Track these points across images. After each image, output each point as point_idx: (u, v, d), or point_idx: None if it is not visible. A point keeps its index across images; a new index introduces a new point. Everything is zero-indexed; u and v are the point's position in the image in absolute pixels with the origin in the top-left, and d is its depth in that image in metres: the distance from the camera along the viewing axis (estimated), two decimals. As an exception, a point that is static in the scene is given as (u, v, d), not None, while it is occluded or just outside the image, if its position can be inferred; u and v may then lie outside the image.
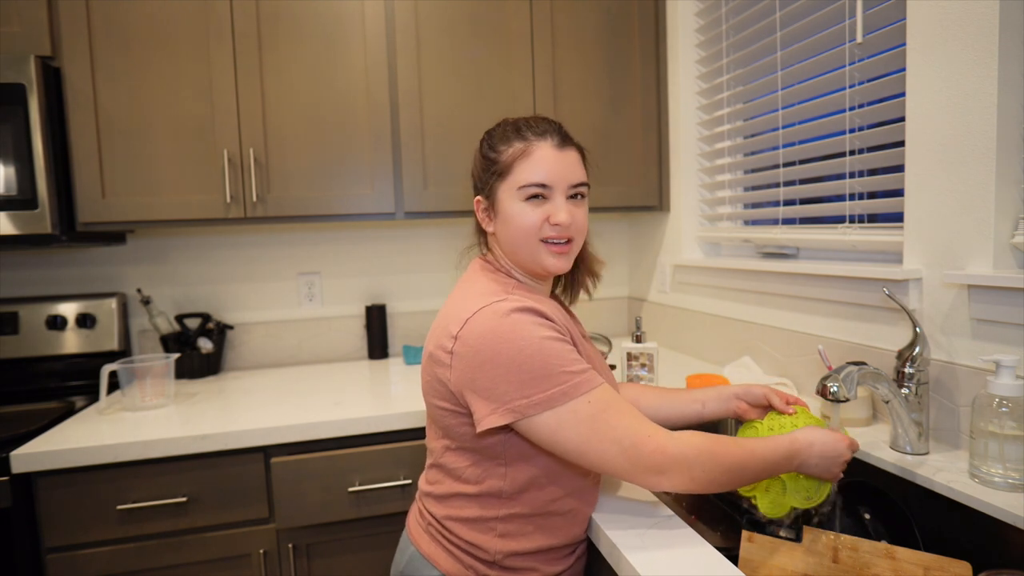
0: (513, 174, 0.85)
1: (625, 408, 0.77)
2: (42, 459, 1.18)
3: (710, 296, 1.75)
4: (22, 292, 1.76)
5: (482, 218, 0.91)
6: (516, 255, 0.88)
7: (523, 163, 0.85)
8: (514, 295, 0.81)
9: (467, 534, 0.84)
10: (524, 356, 0.74)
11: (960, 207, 1.00)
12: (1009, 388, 0.86)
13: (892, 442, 1.04)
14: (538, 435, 0.76)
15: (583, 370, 0.76)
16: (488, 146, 0.89)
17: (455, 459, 0.86)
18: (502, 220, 0.87)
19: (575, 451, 0.75)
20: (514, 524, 0.84)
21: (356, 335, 2.01)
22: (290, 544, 1.31)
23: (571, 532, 0.87)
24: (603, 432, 0.74)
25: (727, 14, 1.65)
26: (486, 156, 0.89)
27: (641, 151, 1.87)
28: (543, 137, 0.86)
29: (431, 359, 0.83)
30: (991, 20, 0.94)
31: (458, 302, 0.83)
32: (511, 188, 0.85)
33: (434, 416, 0.87)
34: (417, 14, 1.65)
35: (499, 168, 0.86)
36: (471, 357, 0.76)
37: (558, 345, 0.76)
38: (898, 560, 0.78)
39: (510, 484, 0.83)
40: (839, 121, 1.28)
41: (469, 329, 0.77)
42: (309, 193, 1.62)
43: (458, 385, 0.79)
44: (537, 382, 0.74)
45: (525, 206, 0.85)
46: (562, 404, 0.74)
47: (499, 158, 0.86)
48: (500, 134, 0.89)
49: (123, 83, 1.49)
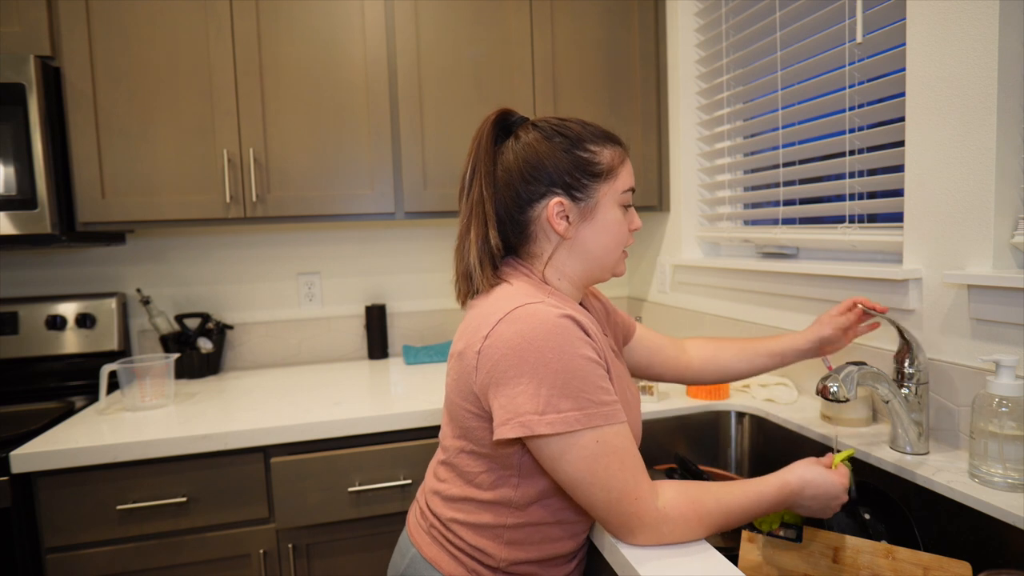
0: (619, 178, 0.82)
1: (628, 458, 0.73)
2: (42, 459, 1.18)
3: (710, 296, 1.75)
4: (22, 292, 1.76)
5: (557, 221, 0.81)
6: (596, 263, 0.84)
7: (624, 169, 0.83)
8: (550, 299, 0.77)
9: (473, 538, 0.82)
10: (551, 369, 0.70)
11: (960, 207, 1.00)
12: (1009, 388, 0.86)
13: (892, 442, 1.04)
14: (542, 456, 0.74)
15: (605, 402, 0.72)
16: (572, 143, 0.81)
17: (470, 463, 0.82)
18: (598, 226, 0.82)
19: (567, 483, 0.73)
20: (523, 533, 0.81)
21: (356, 335, 2.01)
22: (290, 544, 1.31)
23: (577, 541, 0.85)
24: (599, 477, 0.71)
25: (727, 14, 1.65)
26: (577, 155, 0.81)
27: (641, 151, 1.87)
28: (622, 145, 0.86)
29: (459, 358, 0.79)
30: (991, 20, 0.94)
31: (494, 301, 0.78)
32: (616, 192, 0.82)
33: (456, 415, 0.82)
34: (417, 14, 1.65)
35: (602, 169, 0.82)
36: (497, 360, 0.72)
37: (589, 367, 0.72)
38: (898, 560, 0.78)
39: (521, 495, 0.80)
40: (839, 121, 1.28)
41: (499, 330, 0.73)
42: (309, 193, 1.62)
43: (482, 387, 0.75)
44: (556, 401, 0.70)
45: (621, 214, 0.83)
46: (571, 433, 0.70)
47: (599, 159, 0.81)
48: (585, 134, 0.83)
49: (123, 83, 1.49)
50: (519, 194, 0.82)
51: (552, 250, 0.84)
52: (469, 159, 0.85)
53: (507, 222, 0.84)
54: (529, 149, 0.82)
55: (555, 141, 0.82)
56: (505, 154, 0.84)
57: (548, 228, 0.82)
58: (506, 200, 0.83)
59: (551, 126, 0.83)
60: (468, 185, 0.85)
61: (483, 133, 0.84)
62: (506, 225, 0.84)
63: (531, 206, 0.82)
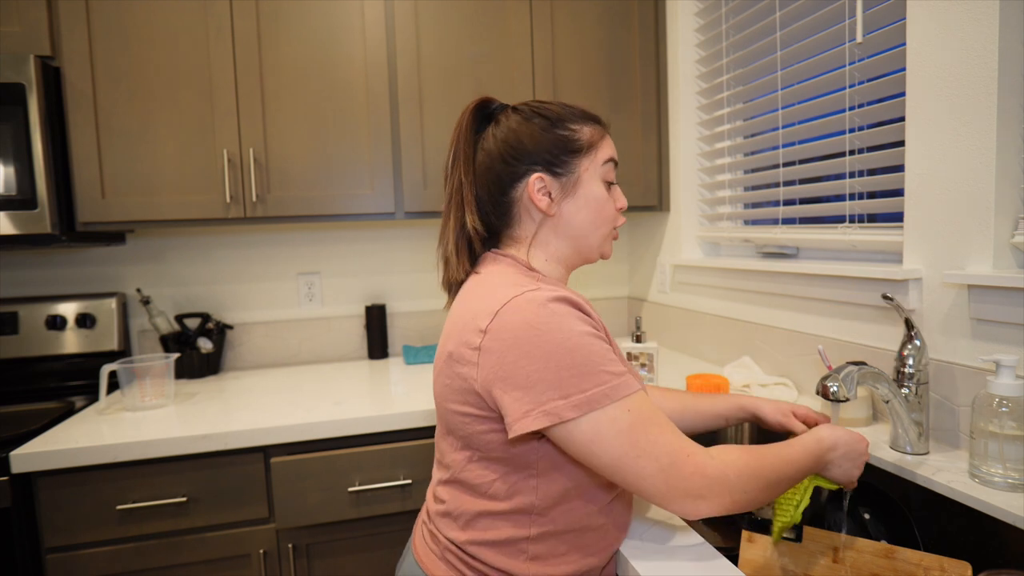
0: (600, 151, 0.82)
1: (664, 420, 0.70)
2: (42, 459, 1.18)
3: (710, 296, 1.75)
4: (22, 292, 1.76)
5: (539, 197, 0.80)
6: (581, 240, 0.83)
7: (604, 143, 0.83)
8: (545, 285, 0.74)
9: (494, 559, 0.75)
10: (563, 351, 0.67)
11: (960, 207, 1.00)
12: (1009, 388, 0.86)
13: (892, 442, 1.03)
14: (574, 444, 0.69)
15: (622, 372, 0.70)
16: (552, 123, 0.82)
17: (480, 472, 0.76)
18: (580, 201, 0.82)
19: (611, 466, 0.68)
20: (546, 544, 0.75)
21: (356, 335, 2.01)
22: (290, 544, 1.31)
23: (606, 551, 0.79)
24: (643, 447, 0.67)
25: (727, 14, 1.65)
26: (556, 133, 0.81)
27: (641, 151, 1.87)
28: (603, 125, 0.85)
29: (451, 359, 0.75)
30: (991, 19, 0.94)
31: (481, 295, 0.75)
32: (596, 165, 0.82)
33: (454, 425, 0.78)
34: (417, 14, 1.65)
35: (582, 145, 0.82)
36: (504, 351, 0.69)
37: (597, 343, 0.70)
38: (898, 560, 0.78)
39: (542, 498, 0.74)
40: (839, 121, 1.28)
41: (501, 321, 0.70)
42: (309, 193, 1.62)
43: (486, 384, 0.71)
44: (576, 381, 0.67)
45: (605, 190, 0.83)
46: (601, 408, 0.67)
47: (578, 135, 0.82)
48: (565, 114, 0.83)
49: (123, 83, 1.49)
50: (500, 176, 0.82)
51: (535, 229, 0.83)
52: (451, 148, 0.85)
53: (490, 206, 0.83)
54: (509, 132, 0.82)
55: (535, 122, 0.82)
56: (486, 140, 0.84)
57: (531, 207, 0.82)
58: (488, 183, 0.82)
59: (531, 109, 0.84)
60: (449, 173, 0.85)
61: (463, 122, 0.84)
62: (489, 209, 0.83)
63: (513, 187, 0.81)
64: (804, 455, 0.77)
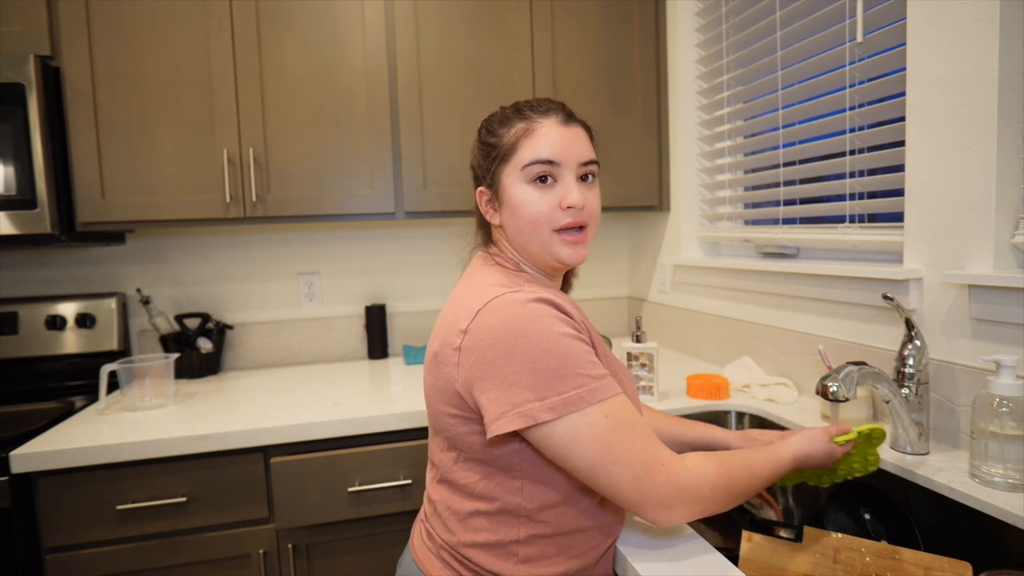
0: (517, 154, 0.78)
1: (642, 426, 0.70)
2: (42, 459, 1.18)
3: (710, 296, 1.75)
4: (22, 292, 1.76)
5: (485, 210, 0.83)
6: (527, 248, 0.80)
7: (527, 142, 0.78)
8: (528, 286, 0.74)
9: (486, 561, 0.75)
10: (540, 352, 0.67)
11: (960, 207, 1.00)
12: (1009, 388, 0.86)
13: (892, 442, 1.03)
14: (551, 447, 0.69)
15: (601, 375, 0.69)
16: (487, 131, 0.83)
17: (465, 473, 0.77)
18: (509, 209, 0.80)
19: (586, 470, 0.68)
20: (536, 547, 0.75)
21: (356, 335, 2.00)
22: (290, 544, 1.31)
23: (592, 553, 0.78)
24: (618, 453, 0.67)
25: (727, 14, 1.64)
26: (485, 142, 0.82)
27: (641, 151, 1.87)
28: (546, 115, 0.79)
29: (436, 360, 0.75)
30: (991, 19, 0.93)
31: (465, 296, 0.76)
32: (515, 170, 0.78)
33: (440, 425, 0.78)
34: (417, 14, 1.65)
35: (501, 151, 0.79)
36: (482, 352, 0.69)
37: (576, 344, 0.69)
38: (898, 560, 0.78)
39: (528, 500, 0.74)
40: (839, 121, 1.28)
41: (480, 321, 0.70)
42: (309, 193, 1.62)
43: (466, 384, 0.71)
44: (552, 383, 0.67)
45: (532, 191, 0.77)
46: (578, 411, 0.67)
47: (500, 141, 0.80)
48: (499, 117, 0.82)
49: (123, 83, 1.49)
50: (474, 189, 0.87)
51: (497, 237, 0.87)
52: None
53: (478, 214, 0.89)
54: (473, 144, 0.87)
55: (479, 130, 0.85)
56: None
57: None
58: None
59: (489, 115, 0.86)
60: None
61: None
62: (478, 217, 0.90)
63: (477, 200, 0.86)
64: (772, 470, 0.80)
